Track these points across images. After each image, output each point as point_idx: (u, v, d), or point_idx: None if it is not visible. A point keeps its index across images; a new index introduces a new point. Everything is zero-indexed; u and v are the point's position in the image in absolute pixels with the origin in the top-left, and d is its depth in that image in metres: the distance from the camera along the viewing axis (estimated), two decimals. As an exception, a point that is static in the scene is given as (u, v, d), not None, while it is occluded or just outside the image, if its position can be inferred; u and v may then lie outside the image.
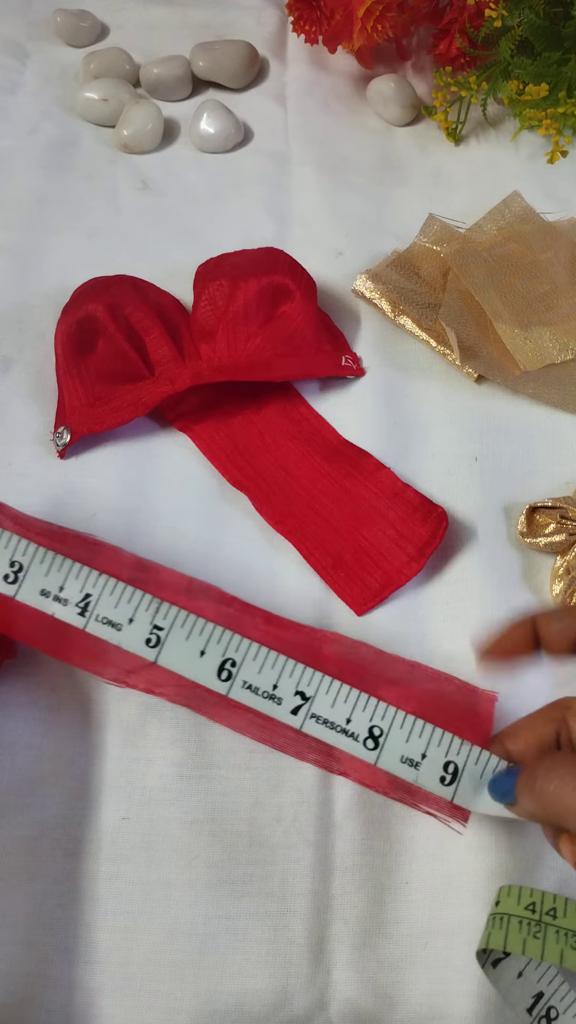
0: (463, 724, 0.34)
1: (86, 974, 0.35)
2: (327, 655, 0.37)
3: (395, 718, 0.33)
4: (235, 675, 0.34)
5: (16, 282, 0.54)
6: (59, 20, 0.67)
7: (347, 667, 0.36)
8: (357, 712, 0.33)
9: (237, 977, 0.35)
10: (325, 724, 0.33)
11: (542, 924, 0.32)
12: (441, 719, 0.34)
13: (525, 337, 0.49)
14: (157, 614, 0.34)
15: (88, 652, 0.36)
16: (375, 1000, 0.34)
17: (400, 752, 0.33)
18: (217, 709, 0.36)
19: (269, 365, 0.47)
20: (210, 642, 0.34)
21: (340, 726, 0.33)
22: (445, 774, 0.33)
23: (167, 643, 0.34)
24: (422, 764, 0.33)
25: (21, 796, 0.37)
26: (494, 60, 0.60)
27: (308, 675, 0.34)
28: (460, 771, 0.33)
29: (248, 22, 0.70)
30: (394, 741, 0.33)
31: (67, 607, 0.35)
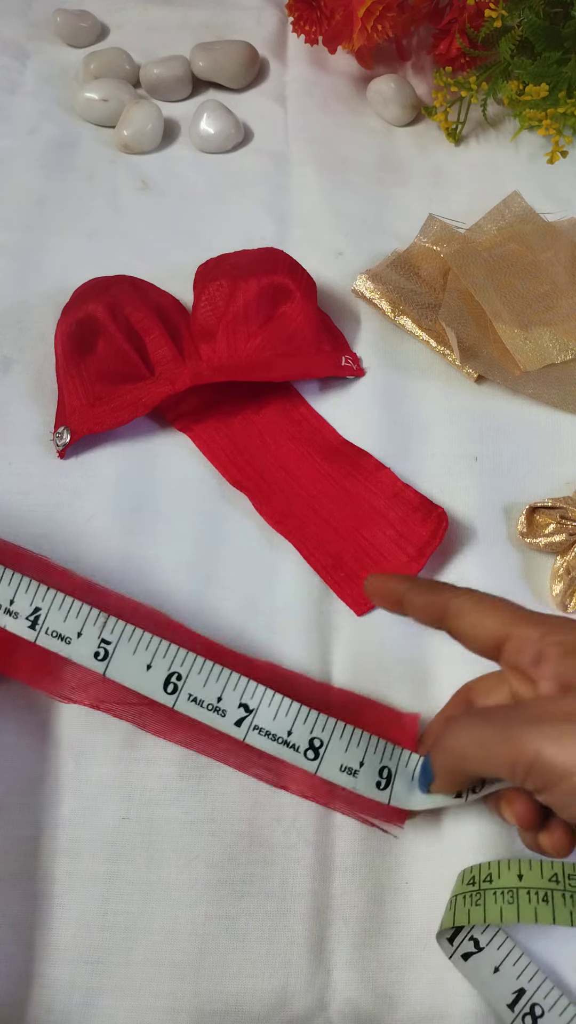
0: (392, 738, 0.36)
1: (86, 974, 0.35)
2: (260, 681, 0.38)
3: (335, 729, 0.34)
4: (181, 688, 0.34)
5: (16, 282, 0.54)
6: (59, 20, 0.67)
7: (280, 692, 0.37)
8: (298, 724, 0.34)
9: (237, 977, 0.35)
10: (267, 736, 0.34)
11: (481, 892, 0.33)
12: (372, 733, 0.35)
13: (525, 337, 0.49)
14: (104, 628, 0.35)
15: (35, 668, 0.37)
16: (375, 1000, 0.34)
17: (339, 761, 0.34)
18: (161, 724, 0.37)
19: (269, 365, 0.47)
20: (156, 656, 0.35)
21: (282, 737, 0.34)
22: (380, 779, 0.34)
23: (115, 657, 0.35)
24: (360, 772, 0.34)
25: (21, 796, 0.37)
26: (494, 60, 0.60)
27: (251, 688, 0.35)
28: (393, 774, 0.34)
29: (248, 22, 0.70)
30: (334, 751, 0.34)
31: (17, 620, 0.35)
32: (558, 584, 0.42)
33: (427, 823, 0.37)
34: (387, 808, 0.35)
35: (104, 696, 0.37)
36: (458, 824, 0.37)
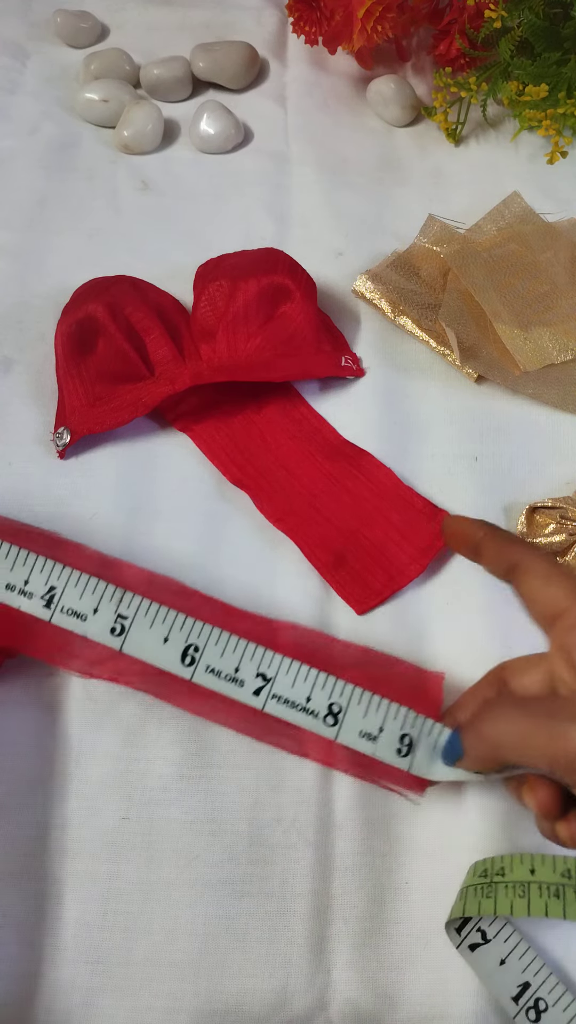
0: (415, 702, 0.36)
1: (86, 974, 0.35)
2: (283, 643, 0.39)
3: (352, 695, 0.35)
4: (198, 660, 0.35)
5: (16, 282, 0.54)
6: (59, 21, 0.67)
7: (302, 653, 0.37)
8: (316, 690, 0.34)
9: (237, 977, 0.35)
10: (286, 703, 0.34)
11: (493, 884, 0.33)
12: (393, 698, 0.35)
13: (525, 337, 0.49)
14: (121, 603, 0.35)
15: (53, 645, 0.37)
16: (375, 1000, 0.34)
17: (358, 727, 0.34)
18: (180, 695, 0.37)
19: (269, 365, 0.47)
20: (173, 629, 0.35)
21: (301, 705, 0.34)
22: (401, 746, 0.34)
23: (131, 631, 0.35)
24: (379, 737, 0.34)
25: (21, 796, 0.37)
26: (494, 61, 0.60)
27: (268, 657, 0.35)
28: (415, 742, 0.34)
29: (248, 23, 0.70)
30: (352, 717, 0.34)
31: (32, 600, 0.35)
32: (558, 584, 0.42)
33: (428, 823, 0.37)
34: (408, 775, 0.35)
35: (122, 669, 0.37)
36: (458, 824, 0.37)
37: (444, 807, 0.37)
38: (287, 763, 0.38)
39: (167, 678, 0.36)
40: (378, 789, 0.37)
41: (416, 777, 0.35)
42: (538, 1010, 0.32)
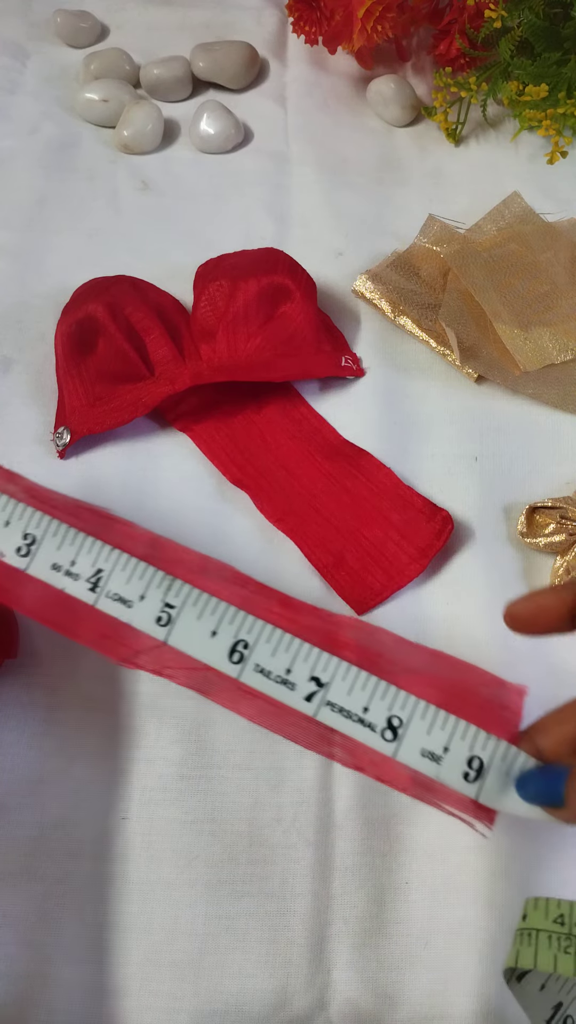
0: (489, 718, 0.32)
1: (86, 974, 0.35)
2: (344, 641, 0.35)
3: (416, 708, 0.31)
4: (247, 658, 0.32)
5: (16, 282, 0.54)
6: (59, 21, 0.67)
7: (365, 654, 0.34)
8: (375, 700, 0.31)
9: (237, 977, 0.35)
10: (340, 712, 0.31)
11: (572, 937, 0.30)
12: (465, 711, 0.32)
13: (525, 337, 0.49)
14: (169, 591, 0.33)
15: (97, 631, 0.35)
16: (375, 1000, 0.34)
17: (420, 745, 0.30)
18: (227, 694, 0.34)
19: (269, 365, 0.47)
20: (222, 622, 0.33)
21: (357, 715, 0.31)
22: (469, 770, 0.30)
23: (178, 622, 0.33)
24: (444, 758, 0.30)
25: (21, 796, 0.37)
26: (494, 61, 0.60)
27: (324, 660, 0.32)
28: (486, 767, 0.30)
29: (248, 22, 0.70)
30: (414, 733, 0.31)
31: (78, 582, 0.33)
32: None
33: (428, 823, 0.37)
34: (476, 803, 0.31)
35: (169, 662, 0.34)
36: (458, 824, 0.37)
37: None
38: (287, 763, 0.38)
39: (214, 675, 0.33)
40: (378, 789, 0.37)
41: (485, 806, 0.31)
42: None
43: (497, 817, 0.31)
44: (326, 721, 0.31)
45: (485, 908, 0.35)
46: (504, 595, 0.42)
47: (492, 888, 0.36)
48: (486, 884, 0.36)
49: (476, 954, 0.35)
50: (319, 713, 0.31)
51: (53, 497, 0.37)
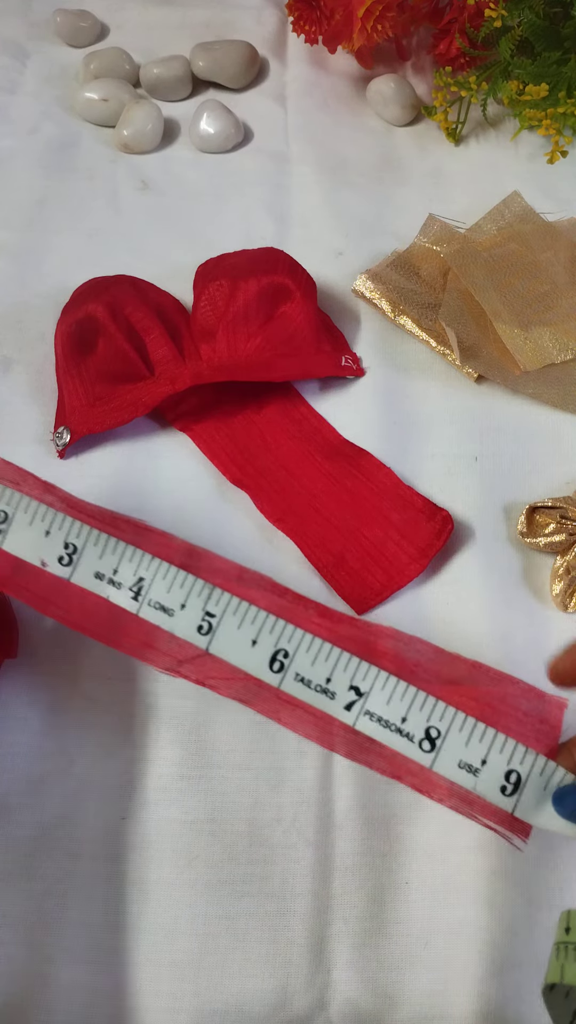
0: (528, 731, 0.32)
1: (86, 974, 0.35)
2: (383, 650, 0.36)
3: (454, 720, 0.31)
4: (287, 667, 0.32)
5: (16, 282, 0.54)
6: (59, 20, 0.67)
7: (403, 664, 0.35)
8: (414, 711, 0.31)
9: (237, 977, 0.35)
10: (379, 722, 0.32)
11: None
12: (503, 724, 0.32)
13: (525, 337, 0.49)
14: (209, 600, 0.33)
15: (139, 641, 0.35)
16: (375, 1000, 0.34)
17: (458, 756, 0.31)
18: (268, 704, 0.34)
19: (269, 365, 0.47)
20: (262, 631, 0.33)
21: (395, 725, 0.31)
22: (506, 783, 0.30)
23: (219, 631, 0.33)
24: (482, 771, 0.31)
25: (21, 796, 0.37)
26: (494, 60, 0.60)
27: (363, 669, 0.32)
28: (523, 781, 0.30)
29: (248, 22, 0.70)
30: (452, 744, 0.31)
31: (121, 590, 0.34)
32: (558, 584, 0.42)
33: (428, 823, 0.37)
34: (512, 816, 0.31)
35: (212, 672, 0.35)
36: (458, 824, 0.37)
37: (444, 807, 0.37)
38: (287, 763, 0.38)
39: (254, 684, 0.34)
40: (378, 789, 0.37)
41: (520, 820, 0.31)
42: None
43: (532, 831, 0.31)
44: (364, 731, 0.32)
45: (485, 908, 0.35)
46: (504, 595, 0.42)
47: (492, 888, 0.36)
48: (486, 884, 0.36)
49: (476, 954, 0.35)
50: (358, 722, 0.32)
51: (89, 508, 0.37)
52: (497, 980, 0.34)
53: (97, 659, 0.40)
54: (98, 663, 0.40)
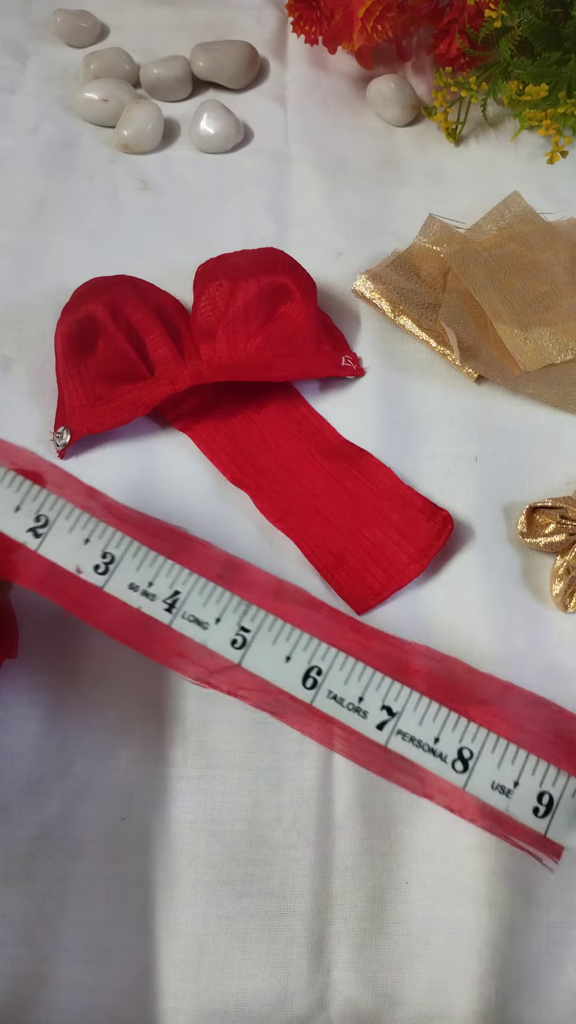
0: (560, 753, 0.33)
1: (86, 974, 0.35)
2: (415, 668, 0.36)
3: (486, 741, 0.32)
4: (320, 684, 0.33)
5: (16, 282, 0.54)
6: (59, 20, 0.67)
7: (436, 683, 0.35)
8: (446, 732, 0.32)
9: (237, 977, 0.35)
10: (411, 742, 0.32)
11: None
12: (536, 745, 0.33)
13: (525, 337, 0.49)
14: (245, 616, 0.34)
15: (170, 649, 0.35)
16: (375, 1000, 0.34)
17: (491, 777, 0.31)
18: (299, 717, 0.35)
19: (269, 365, 0.47)
20: (296, 648, 0.33)
21: (428, 745, 0.32)
22: (539, 805, 0.31)
23: (253, 645, 0.33)
24: (514, 792, 0.31)
25: (21, 796, 0.37)
26: (494, 60, 0.60)
27: (396, 689, 0.32)
28: (556, 803, 0.31)
29: (248, 22, 0.70)
30: (485, 765, 0.31)
31: (154, 603, 0.34)
32: (558, 584, 0.42)
33: (428, 823, 0.37)
34: (542, 837, 0.32)
35: (243, 683, 0.35)
36: (458, 824, 0.37)
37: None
38: (287, 763, 0.38)
39: (286, 698, 0.34)
40: (378, 789, 0.37)
41: (551, 841, 0.32)
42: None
43: (564, 852, 0.31)
44: (397, 750, 0.32)
45: (485, 908, 0.35)
46: (504, 595, 0.42)
47: (492, 888, 0.36)
48: (486, 884, 0.36)
49: (476, 954, 0.35)
50: (390, 742, 0.32)
51: (131, 515, 0.37)
52: (497, 980, 0.34)
53: (97, 659, 0.40)
54: (98, 663, 0.40)
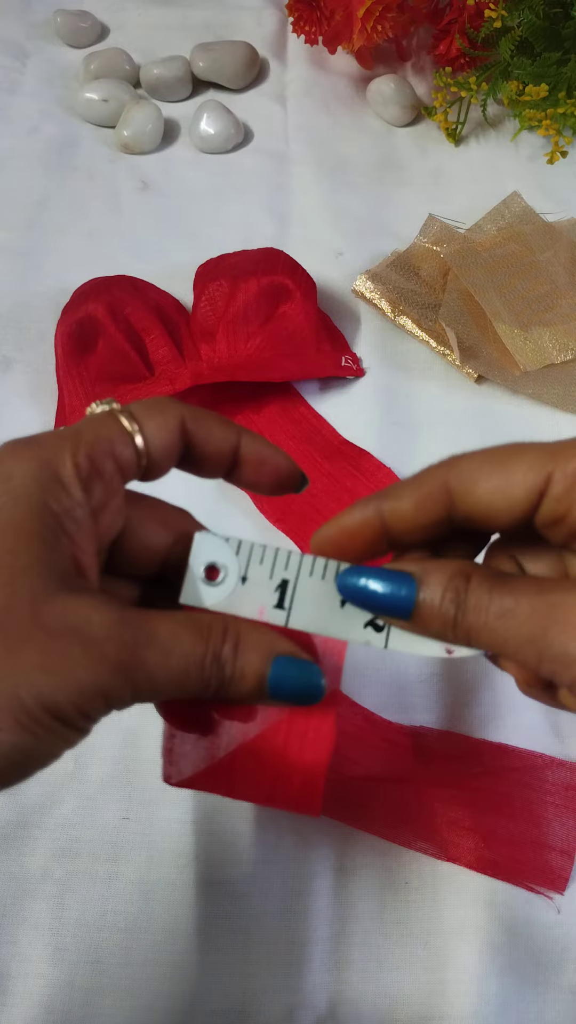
0: (559, 800, 0.36)
1: (86, 974, 0.35)
2: (423, 746, 0.38)
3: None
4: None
5: (16, 282, 0.54)
6: (59, 21, 0.67)
7: (448, 759, 0.37)
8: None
9: (237, 977, 0.35)
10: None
11: None
12: (536, 797, 0.36)
13: (525, 337, 0.49)
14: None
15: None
16: (375, 1000, 0.34)
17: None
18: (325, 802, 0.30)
19: (269, 365, 0.47)
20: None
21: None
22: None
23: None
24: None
25: (21, 796, 0.37)
26: (494, 61, 0.60)
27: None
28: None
29: (248, 22, 0.70)
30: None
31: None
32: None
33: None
34: (546, 875, 0.34)
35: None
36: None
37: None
38: (287, 763, 0.38)
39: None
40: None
41: (555, 875, 0.35)
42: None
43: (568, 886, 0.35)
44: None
45: (485, 908, 0.35)
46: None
47: (492, 888, 0.36)
48: (486, 884, 0.36)
49: (476, 954, 0.35)
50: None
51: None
52: (497, 980, 0.34)
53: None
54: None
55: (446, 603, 0.23)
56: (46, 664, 0.20)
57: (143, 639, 0.22)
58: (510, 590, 0.23)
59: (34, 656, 0.20)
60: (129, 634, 0.22)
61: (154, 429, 0.24)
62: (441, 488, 0.24)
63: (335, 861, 0.36)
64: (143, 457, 0.24)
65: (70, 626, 0.21)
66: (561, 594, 0.22)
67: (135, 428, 0.24)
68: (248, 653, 0.23)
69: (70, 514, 0.22)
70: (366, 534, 0.25)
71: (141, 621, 0.22)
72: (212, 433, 0.25)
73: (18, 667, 0.20)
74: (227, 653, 0.23)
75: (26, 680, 0.20)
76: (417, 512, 0.24)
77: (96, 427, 0.23)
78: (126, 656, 0.21)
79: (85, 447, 0.23)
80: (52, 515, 0.22)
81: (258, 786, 0.26)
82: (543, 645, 0.22)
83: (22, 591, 0.21)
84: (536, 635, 0.22)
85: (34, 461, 0.22)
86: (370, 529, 0.25)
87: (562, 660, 0.22)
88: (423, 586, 0.23)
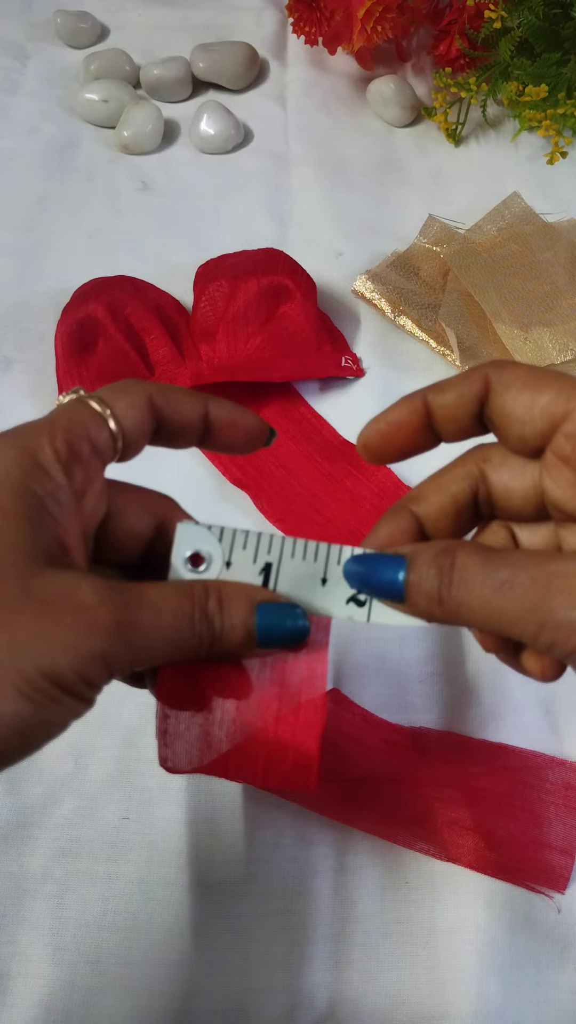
0: (558, 799, 0.36)
1: (86, 974, 0.35)
2: (423, 747, 0.38)
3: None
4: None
5: (16, 282, 0.54)
6: (59, 21, 0.67)
7: (447, 763, 0.37)
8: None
9: (237, 977, 0.35)
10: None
11: None
12: (537, 796, 0.36)
13: (525, 338, 0.49)
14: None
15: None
16: (375, 1000, 0.34)
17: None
18: (325, 804, 0.36)
19: (269, 365, 0.47)
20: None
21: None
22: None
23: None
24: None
25: (21, 796, 0.37)
26: (494, 61, 0.60)
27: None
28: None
29: (248, 23, 0.70)
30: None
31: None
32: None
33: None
34: (547, 874, 0.35)
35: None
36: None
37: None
38: (287, 763, 0.38)
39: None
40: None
41: (556, 875, 0.35)
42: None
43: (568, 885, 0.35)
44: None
45: (485, 908, 0.35)
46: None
47: (492, 888, 0.36)
48: (486, 884, 0.36)
49: (476, 954, 0.35)
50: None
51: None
52: (497, 980, 0.34)
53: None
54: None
55: (430, 580, 0.24)
56: (41, 632, 0.21)
57: (133, 601, 0.22)
58: (505, 562, 0.23)
59: (28, 625, 0.21)
60: (120, 598, 0.22)
61: (124, 409, 0.25)
62: (483, 384, 0.25)
63: (335, 861, 0.36)
64: (118, 438, 0.25)
65: (61, 594, 0.21)
66: (561, 563, 0.22)
67: (106, 411, 0.25)
68: (233, 605, 0.24)
69: (53, 496, 0.23)
70: (414, 421, 0.27)
71: (129, 587, 0.23)
72: (180, 405, 0.27)
73: (14, 637, 0.20)
74: (213, 608, 0.24)
75: (23, 649, 0.20)
76: (458, 403, 0.26)
77: (69, 413, 0.25)
78: (120, 618, 0.22)
79: (62, 432, 0.24)
80: (36, 497, 0.22)
81: (254, 763, 0.26)
82: (546, 614, 0.22)
83: (9, 566, 0.21)
84: (539, 604, 0.22)
85: (14, 449, 0.23)
86: (417, 416, 0.27)
87: (566, 628, 0.22)
88: (411, 567, 0.24)
